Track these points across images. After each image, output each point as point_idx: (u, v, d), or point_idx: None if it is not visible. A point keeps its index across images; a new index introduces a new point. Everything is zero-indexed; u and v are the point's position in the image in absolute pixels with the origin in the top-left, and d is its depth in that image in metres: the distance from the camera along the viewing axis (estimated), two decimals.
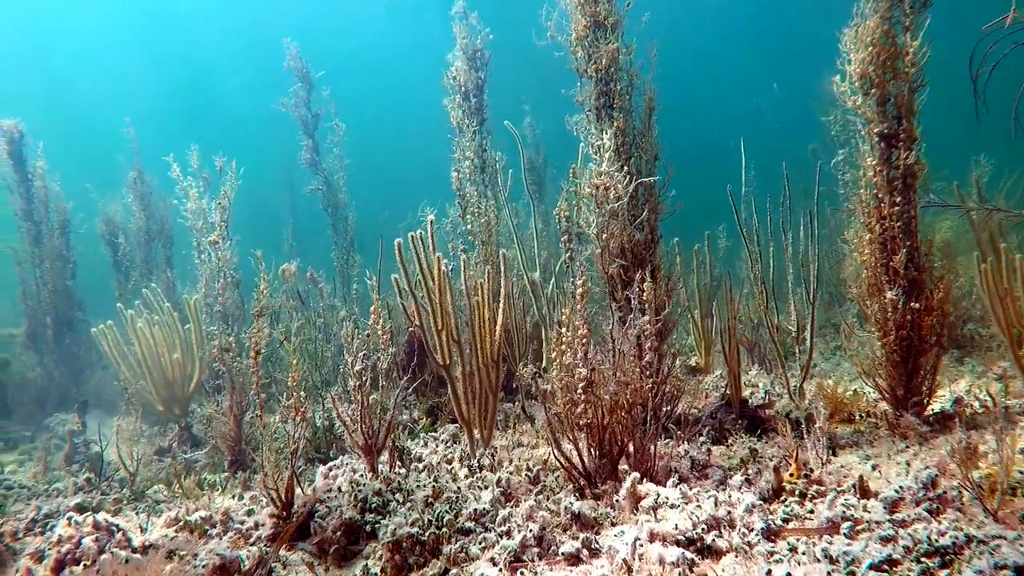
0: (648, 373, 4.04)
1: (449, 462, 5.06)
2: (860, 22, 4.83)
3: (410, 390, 7.35)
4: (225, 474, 5.79)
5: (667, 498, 3.21)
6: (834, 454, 4.43)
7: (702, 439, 4.86)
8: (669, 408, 5.44)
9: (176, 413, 8.08)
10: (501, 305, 4.97)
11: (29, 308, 10.44)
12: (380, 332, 4.22)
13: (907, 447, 4.31)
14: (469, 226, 6.31)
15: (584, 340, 3.75)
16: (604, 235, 3.70)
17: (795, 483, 3.45)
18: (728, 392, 5.14)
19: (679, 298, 8.45)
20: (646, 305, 3.82)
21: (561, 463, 3.88)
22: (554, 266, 8.33)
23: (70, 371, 10.22)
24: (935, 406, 5.07)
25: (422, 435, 5.90)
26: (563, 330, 3.83)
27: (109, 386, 8.91)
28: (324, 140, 15.92)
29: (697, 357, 8.66)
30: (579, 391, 3.74)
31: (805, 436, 4.72)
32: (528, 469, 4.07)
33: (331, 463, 5.07)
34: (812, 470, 3.51)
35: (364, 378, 4.31)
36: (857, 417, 5.22)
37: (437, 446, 5.40)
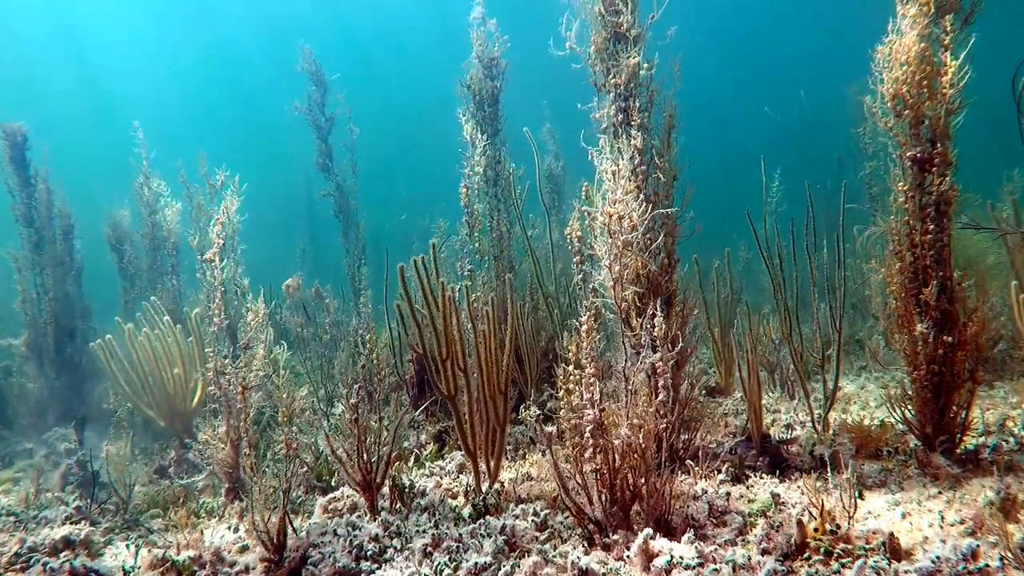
0: (662, 413, 3.86)
1: (454, 496, 4.90)
2: (895, 39, 4.62)
3: (419, 411, 7.22)
4: (223, 499, 5.67)
5: (681, 558, 3.03)
6: (861, 496, 4.23)
7: (721, 477, 4.67)
8: (688, 438, 5.27)
9: (179, 428, 7.99)
10: (509, 333, 4.80)
11: (29, 317, 10.34)
12: (376, 362, 4.06)
13: (939, 492, 4.10)
14: (477, 244, 6.14)
15: (592, 380, 3.57)
16: (617, 267, 3.52)
17: (820, 539, 3.25)
18: (749, 426, 4.94)
19: (700, 315, 8.26)
20: (658, 341, 3.64)
21: (570, 509, 3.71)
22: (569, 280, 8.16)
23: (72, 382, 10.15)
24: (968, 442, 4.85)
25: (427, 464, 5.75)
26: (570, 368, 3.66)
27: (116, 398, 8.84)
28: (338, 144, 15.90)
29: (717, 377, 8.46)
30: (587, 435, 3.57)
31: (829, 476, 4.54)
32: (535, 514, 3.90)
33: (331, 495, 4.93)
34: (839, 526, 3.31)
35: (360, 411, 4.16)
36: (885, 453, 5.00)
37: (442, 478, 5.24)
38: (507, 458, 5.60)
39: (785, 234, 6.73)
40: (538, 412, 4.30)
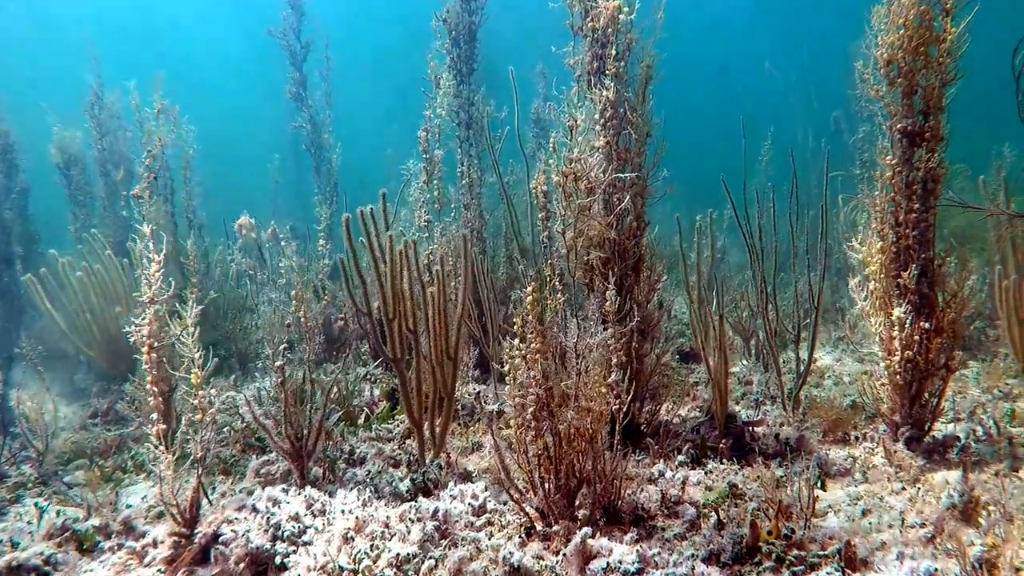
0: (616, 392, 3.64)
1: (397, 465, 4.70)
2: None
3: (375, 365, 6.98)
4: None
5: (620, 563, 2.83)
6: (823, 486, 4.09)
7: (680, 458, 4.50)
8: (652, 408, 5.09)
9: (123, 370, 7.70)
10: (461, 293, 4.53)
11: None
12: (303, 318, 3.79)
13: (903, 488, 3.96)
14: (436, 192, 5.80)
15: (536, 355, 3.33)
16: (571, 233, 3.25)
17: (773, 544, 3.08)
18: (713, 407, 4.75)
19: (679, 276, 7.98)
20: (610, 316, 3.39)
21: (511, 495, 3.51)
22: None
23: (9, 313, 9.72)
24: (937, 429, 4.72)
25: (375, 426, 5.53)
26: (516, 342, 3.41)
27: (59, 331, 8.45)
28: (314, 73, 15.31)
29: (693, 340, 8.28)
30: (530, 415, 3.34)
31: (791, 466, 4.38)
32: (474, 496, 3.69)
33: (265, 457, 4.71)
34: (793, 530, 3.13)
35: (286, 373, 3.90)
36: (853, 439, 4.86)
37: (387, 444, 5.04)
38: (459, 424, 5.40)
39: (778, 199, 6.50)
40: (479, 388, 4.06)
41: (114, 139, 10.94)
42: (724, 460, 4.42)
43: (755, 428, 4.74)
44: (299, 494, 3.64)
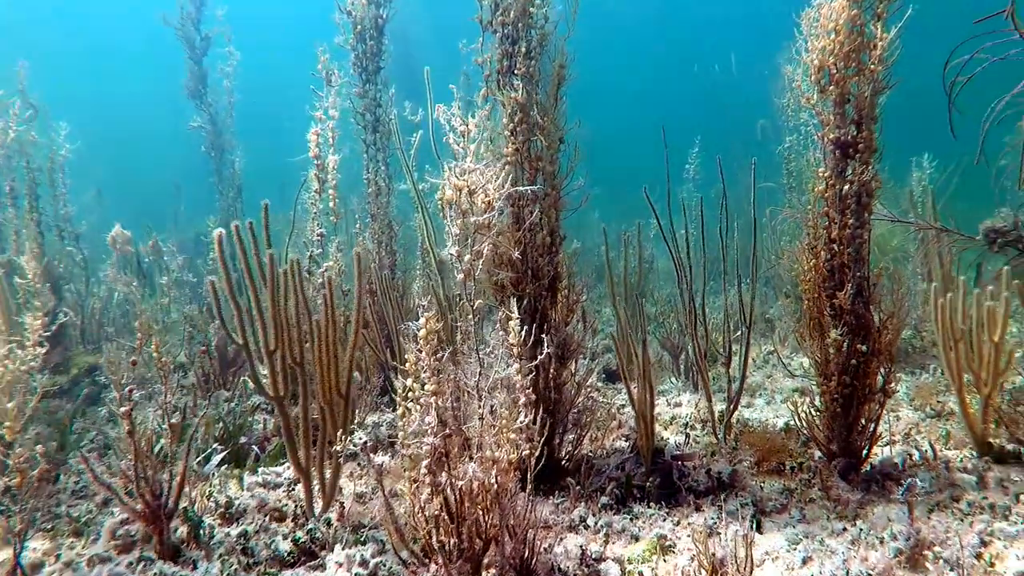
0: (527, 436, 3.28)
1: (281, 518, 4.22)
2: (824, 2, 4.10)
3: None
4: None
5: None
6: (759, 529, 3.82)
7: (604, 500, 4.17)
8: (576, 437, 4.77)
9: None
10: (355, 320, 4.10)
11: None
12: (155, 354, 3.31)
13: (844, 528, 3.72)
14: (332, 203, 5.35)
15: (432, 398, 2.94)
16: (468, 256, 2.87)
17: None
18: (639, 441, 4.45)
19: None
20: (515, 349, 3.03)
21: (404, 565, 3.10)
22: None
23: None
24: (874, 455, 4.54)
25: (261, 468, 5.02)
26: (409, 381, 3.01)
27: None
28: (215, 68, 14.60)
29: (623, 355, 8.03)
30: (425, 469, 2.94)
31: (725, 501, 4.12)
32: (362, 563, 3.26)
33: (124, 515, 4.15)
34: None
35: (135, 420, 3.38)
36: (788, 469, 4.63)
37: (272, 491, 4.54)
38: (359, 464, 4.94)
39: (706, 207, 6.29)
40: (364, 438, 3.63)
41: None
42: (652, 502, 4.11)
43: (685, 463, 4.45)
44: (164, 558, 3.13)
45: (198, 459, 5.22)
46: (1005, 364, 4.45)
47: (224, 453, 5.24)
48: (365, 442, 3.51)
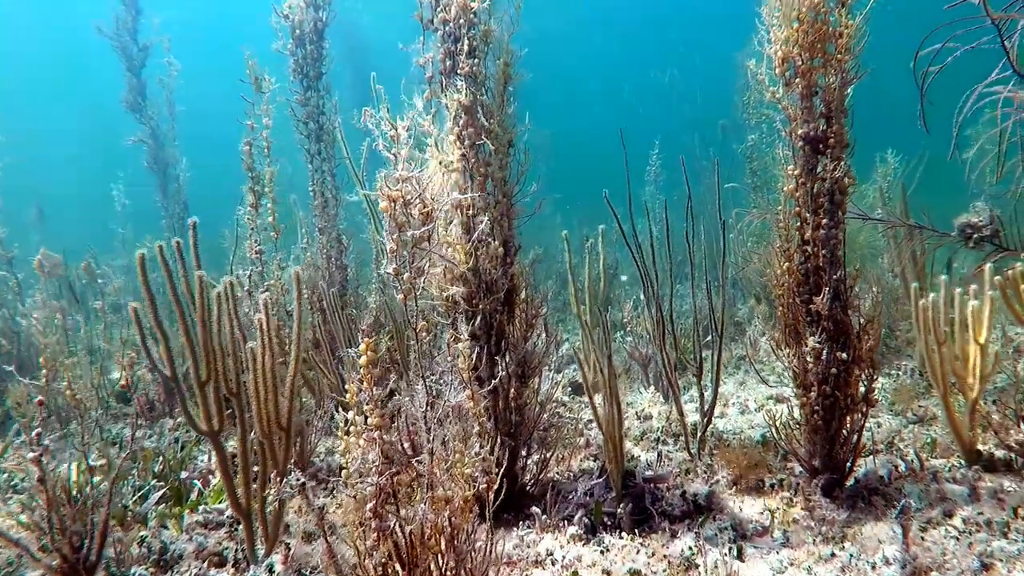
0: (484, 468, 3.04)
1: (221, 564, 3.92)
2: None
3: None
4: None
5: None
6: (740, 556, 3.62)
7: (572, 530, 3.93)
8: (541, 459, 4.55)
9: None
10: (295, 349, 3.82)
11: None
12: (69, 391, 3.00)
13: (832, 553, 3.53)
14: (271, 218, 5.07)
15: (376, 434, 2.68)
16: (408, 275, 2.63)
17: None
18: (607, 466, 4.22)
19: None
20: (465, 374, 2.79)
21: None
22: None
23: None
24: (858, 466, 4.38)
25: (203, 505, 4.71)
26: (350, 415, 2.75)
27: None
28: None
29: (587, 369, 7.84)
30: (370, 512, 2.69)
31: (702, 525, 3.91)
32: None
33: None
34: None
35: (45, 465, 3.07)
36: (768, 486, 4.44)
37: (210, 535, 4.23)
38: (306, 500, 4.65)
39: (673, 209, 6.14)
40: (302, 479, 3.34)
41: None
42: (624, 531, 3.89)
43: (658, 485, 4.24)
44: None
45: (135, 497, 4.90)
46: (991, 366, 4.32)
47: (163, 490, 4.92)
48: (303, 483, 3.23)
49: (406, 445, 2.86)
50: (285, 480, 3.03)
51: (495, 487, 3.05)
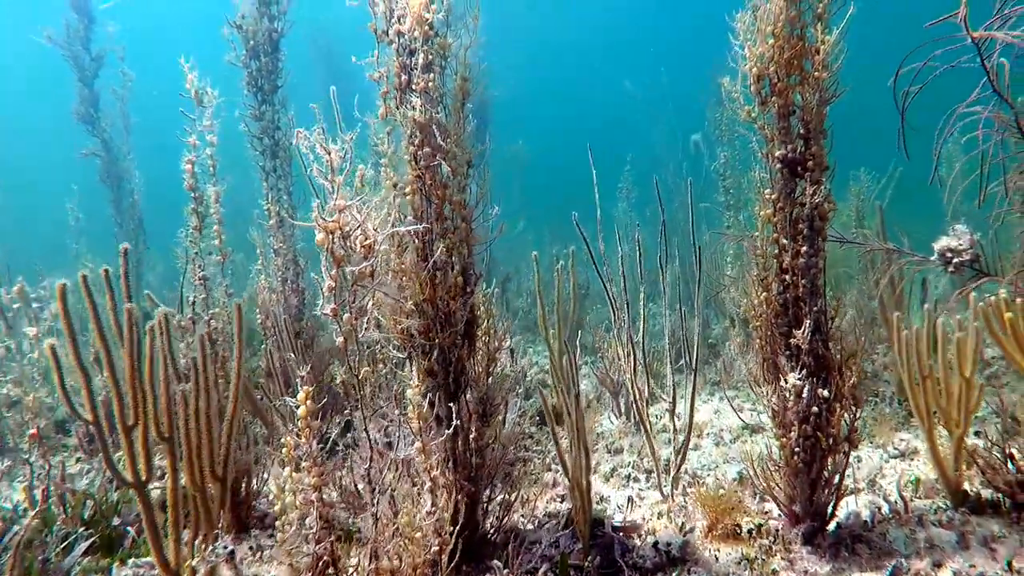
0: (438, 528, 2.77)
1: None
2: (760, 3, 3.76)
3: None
4: None
5: None
6: None
7: None
8: (505, 499, 4.28)
9: None
10: (234, 390, 3.53)
11: None
12: None
13: None
14: (217, 240, 4.77)
15: (317, 493, 2.41)
16: (350, 314, 2.36)
17: None
18: (574, 515, 3.97)
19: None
20: (419, 421, 2.53)
21: None
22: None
23: None
24: (841, 510, 4.17)
25: (131, 561, 4.37)
26: (286, 472, 2.48)
27: None
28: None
29: (554, 398, 7.58)
30: None
31: None
32: None
33: None
34: None
35: None
36: (745, 533, 4.21)
37: None
38: (251, 548, 4.33)
39: (646, 227, 5.93)
40: (229, 548, 3.06)
41: None
42: None
43: (629, 534, 4.00)
44: None
45: (59, 548, 4.55)
46: (976, 400, 4.15)
47: (92, 540, 4.58)
48: (231, 551, 2.94)
49: (352, 502, 2.60)
50: (212, 548, 2.74)
51: (450, 547, 2.79)
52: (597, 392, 8.41)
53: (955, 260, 5.30)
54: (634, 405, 4.80)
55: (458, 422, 3.85)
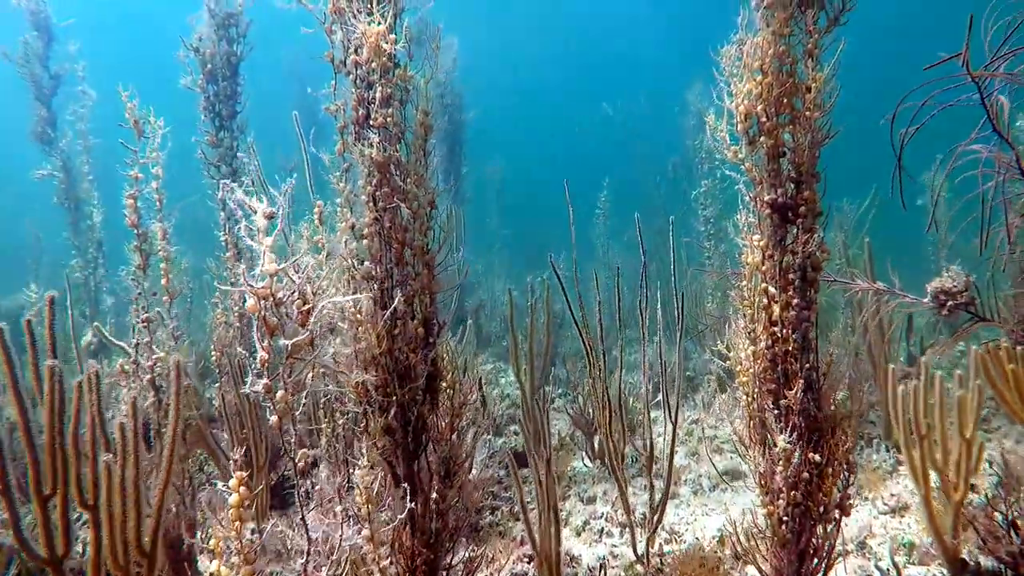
0: None
1: None
2: (746, 36, 3.53)
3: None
4: None
5: None
6: None
7: None
8: (468, 560, 3.98)
9: None
10: (168, 451, 3.21)
11: None
12: None
13: None
14: (164, 280, 4.44)
15: (248, 560, 2.10)
16: (282, 393, 2.07)
17: None
18: None
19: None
20: (365, 509, 2.24)
21: None
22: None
23: None
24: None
25: None
26: (214, 565, 2.17)
27: None
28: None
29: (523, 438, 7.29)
30: None
31: None
32: None
33: None
34: None
35: None
36: None
37: None
38: None
39: (623, 253, 5.71)
40: None
41: None
42: None
43: None
44: None
45: None
46: (977, 462, 3.92)
47: None
48: None
49: None
50: None
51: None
52: (570, 430, 8.14)
53: (949, 303, 5.11)
54: (608, 461, 4.52)
55: (418, 483, 3.57)
